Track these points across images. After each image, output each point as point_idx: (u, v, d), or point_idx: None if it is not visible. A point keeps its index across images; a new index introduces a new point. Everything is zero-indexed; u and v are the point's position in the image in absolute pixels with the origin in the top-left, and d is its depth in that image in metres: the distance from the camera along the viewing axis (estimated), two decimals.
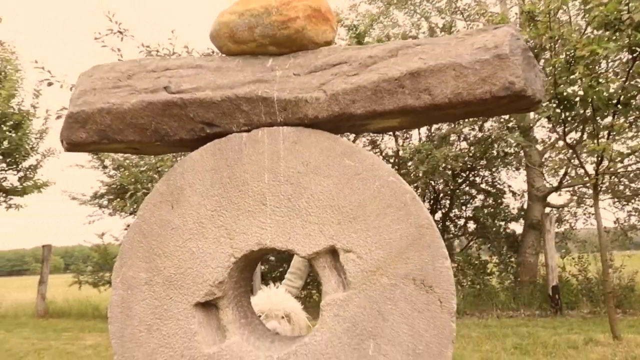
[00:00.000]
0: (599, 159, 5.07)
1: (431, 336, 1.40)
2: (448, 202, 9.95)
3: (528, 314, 7.74)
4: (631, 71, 4.72)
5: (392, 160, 9.44)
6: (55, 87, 6.14)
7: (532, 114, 7.49)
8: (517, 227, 10.21)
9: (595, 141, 5.05)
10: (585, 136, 5.85)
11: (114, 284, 1.65)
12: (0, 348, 6.99)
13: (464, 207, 10.27)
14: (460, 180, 10.01)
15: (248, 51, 1.74)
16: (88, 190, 9.14)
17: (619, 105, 4.81)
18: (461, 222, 10.34)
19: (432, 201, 9.75)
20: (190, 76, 1.69)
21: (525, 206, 9.76)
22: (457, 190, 9.97)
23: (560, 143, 7.35)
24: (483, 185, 10.07)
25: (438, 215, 10.09)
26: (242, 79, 1.65)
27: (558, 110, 4.99)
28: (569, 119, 5.26)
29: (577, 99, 4.91)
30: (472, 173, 9.98)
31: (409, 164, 7.63)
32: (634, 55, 4.73)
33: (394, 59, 1.56)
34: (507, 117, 7.90)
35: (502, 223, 9.97)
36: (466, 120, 9.35)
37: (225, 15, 1.74)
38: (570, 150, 5.83)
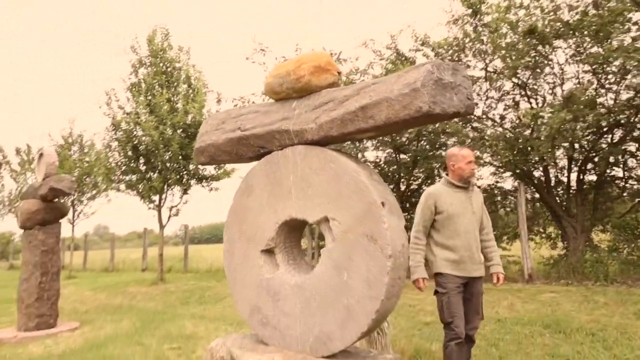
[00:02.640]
0: None
1: (376, 270, 2.29)
2: (603, 162, 9.05)
3: None
4: None
5: (532, 124, 9.11)
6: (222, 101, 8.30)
7: None
8: None
9: None
10: None
11: (224, 240, 2.97)
12: (211, 292, 9.76)
13: (625, 166, 9.19)
14: (620, 135, 8.97)
15: (282, 98, 2.81)
16: None
17: None
18: (622, 183, 9.30)
19: (580, 163, 9.06)
20: (251, 119, 2.86)
21: None
22: (616, 148, 8.97)
23: None
24: None
25: (590, 177, 9.31)
26: (277, 117, 2.74)
27: None
28: None
29: None
30: (634, 127, 8.80)
31: (518, 130, 7.39)
32: None
33: (357, 96, 2.42)
34: None
35: None
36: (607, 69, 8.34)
37: (268, 78, 2.84)
38: None
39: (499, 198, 10.86)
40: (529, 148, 8.34)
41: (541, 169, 9.49)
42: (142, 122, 10.49)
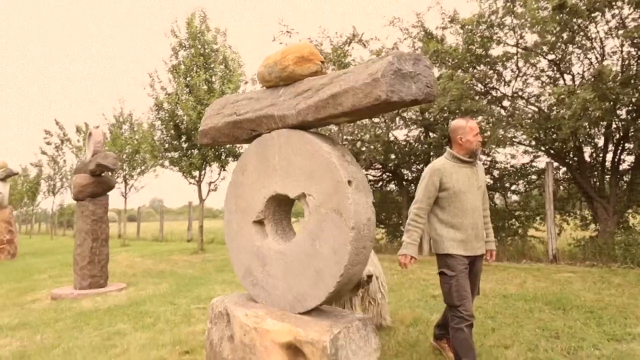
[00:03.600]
0: None
1: (341, 239, 2.61)
2: (637, 142, 8.64)
3: None
4: None
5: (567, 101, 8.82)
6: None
7: None
8: None
9: None
10: None
11: (225, 211, 3.39)
12: None
13: None
14: None
15: (272, 85, 3.13)
16: None
17: None
18: None
19: (616, 143, 8.71)
20: (245, 105, 3.20)
21: None
22: None
23: None
24: None
25: (629, 157, 8.93)
26: (265, 104, 3.07)
27: None
28: None
29: None
30: None
31: (555, 109, 7.20)
32: None
33: (331, 85, 2.70)
34: None
35: None
36: None
37: (260, 67, 3.16)
38: None
39: (532, 177, 10.66)
40: (559, 127, 8.15)
41: (574, 148, 9.22)
42: (182, 102, 11.15)
